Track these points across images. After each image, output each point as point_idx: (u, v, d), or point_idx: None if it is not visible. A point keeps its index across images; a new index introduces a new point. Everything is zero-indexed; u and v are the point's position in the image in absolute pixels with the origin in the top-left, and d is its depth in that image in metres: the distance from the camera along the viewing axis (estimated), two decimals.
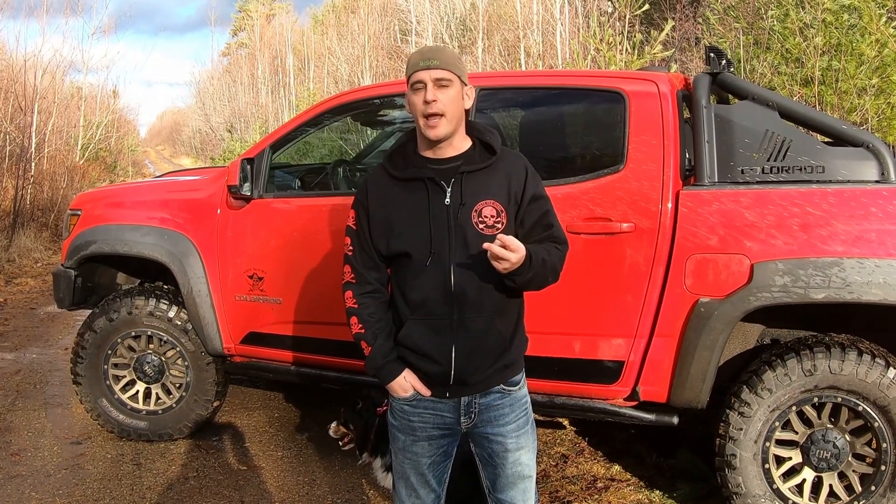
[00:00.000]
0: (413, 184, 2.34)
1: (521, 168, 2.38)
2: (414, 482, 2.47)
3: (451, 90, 2.27)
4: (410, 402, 2.41)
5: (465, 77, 2.33)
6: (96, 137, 21.92)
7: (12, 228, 12.19)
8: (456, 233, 2.28)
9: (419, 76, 2.26)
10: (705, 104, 3.63)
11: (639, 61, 9.20)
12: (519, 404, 2.45)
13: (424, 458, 2.44)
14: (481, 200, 2.29)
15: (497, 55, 18.26)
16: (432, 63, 2.26)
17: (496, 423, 2.41)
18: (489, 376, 2.37)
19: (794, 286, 3.24)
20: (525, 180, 2.36)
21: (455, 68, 2.28)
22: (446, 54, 2.30)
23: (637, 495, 3.98)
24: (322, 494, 4.15)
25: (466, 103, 2.34)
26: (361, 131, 11.09)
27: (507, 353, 2.39)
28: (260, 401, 5.59)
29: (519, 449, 2.44)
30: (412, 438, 2.44)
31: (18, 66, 15.41)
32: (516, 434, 2.44)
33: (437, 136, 2.27)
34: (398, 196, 2.35)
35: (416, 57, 2.31)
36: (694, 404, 3.51)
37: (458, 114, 2.30)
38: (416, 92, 2.28)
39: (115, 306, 4.69)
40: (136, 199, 4.94)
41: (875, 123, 7.11)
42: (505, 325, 2.38)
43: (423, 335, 2.33)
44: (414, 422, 2.42)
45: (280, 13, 46.29)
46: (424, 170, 2.33)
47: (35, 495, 4.13)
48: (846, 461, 3.40)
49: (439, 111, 2.25)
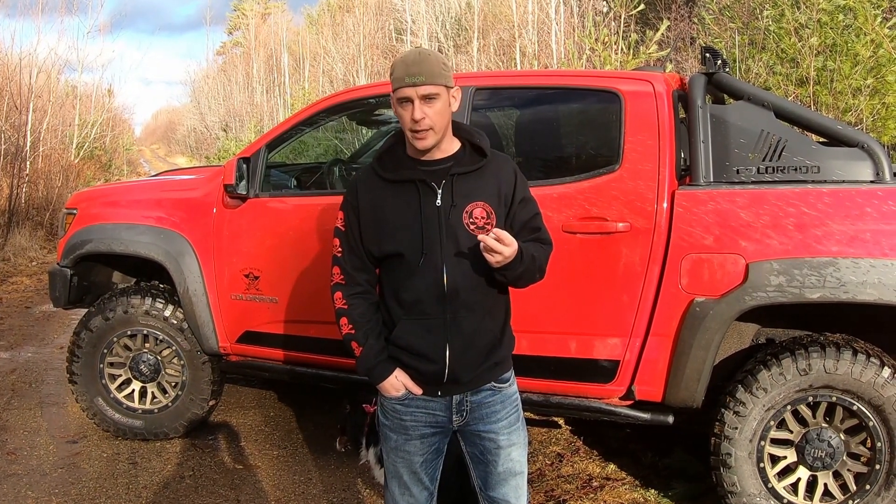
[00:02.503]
0: (404, 185, 2.35)
1: (510, 171, 2.40)
2: (407, 480, 2.48)
3: (438, 103, 2.26)
4: (402, 401, 2.42)
5: (451, 80, 2.31)
6: (91, 136, 21.84)
7: (7, 227, 12.17)
8: (447, 233, 2.30)
9: (405, 92, 2.25)
10: (701, 104, 3.64)
11: (634, 61, 9.21)
12: (509, 401, 2.47)
13: (417, 457, 2.46)
14: (472, 202, 2.32)
15: (492, 55, 18.25)
16: (418, 80, 2.22)
17: (488, 420, 2.42)
18: (480, 374, 2.39)
19: (789, 286, 3.25)
20: (515, 183, 2.39)
21: (441, 79, 2.26)
22: (430, 65, 2.25)
23: (632, 494, 3.99)
24: (317, 493, 4.15)
25: (454, 106, 2.34)
26: (357, 131, 11.09)
27: (497, 351, 2.42)
28: (255, 400, 5.59)
29: (510, 445, 2.46)
30: (405, 437, 2.44)
31: (13, 65, 15.37)
32: (508, 431, 2.45)
33: (425, 146, 2.29)
34: (389, 198, 2.36)
35: (400, 69, 2.26)
36: (689, 403, 3.52)
37: (444, 123, 2.30)
38: (402, 106, 2.27)
39: (111, 305, 4.68)
40: (132, 197, 4.93)
41: (870, 123, 7.14)
42: (495, 323, 2.42)
43: (416, 334, 2.35)
44: (406, 421, 2.43)
45: (275, 12, 46.23)
46: (415, 171, 2.34)
47: (31, 494, 4.12)
48: (841, 460, 3.41)
49: (427, 126, 2.25)
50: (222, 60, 50.17)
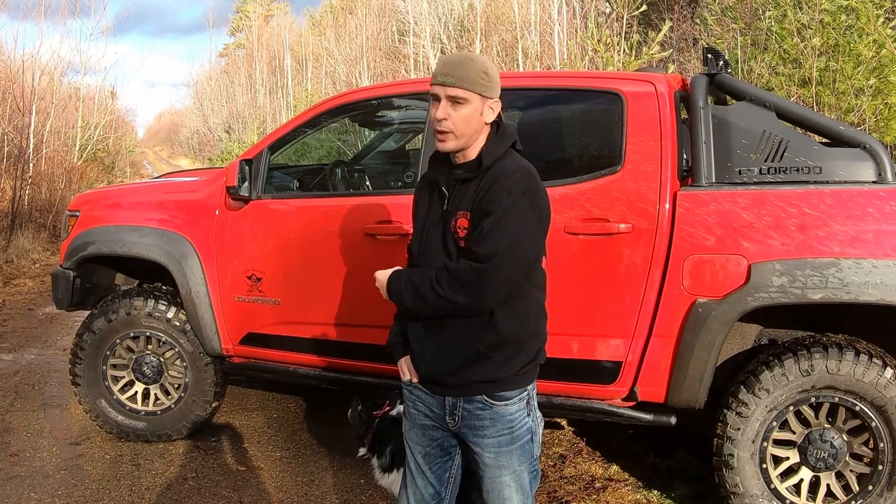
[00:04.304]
0: (431, 186, 2.43)
1: (502, 185, 2.24)
2: (412, 469, 2.55)
3: (464, 108, 2.24)
4: (408, 386, 2.50)
5: (490, 91, 2.27)
6: (94, 138, 21.90)
7: (10, 229, 12.18)
8: (445, 238, 2.33)
9: (435, 90, 2.28)
10: (703, 105, 3.64)
11: (636, 62, 9.22)
12: (503, 421, 2.37)
13: (418, 447, 2.52)
14: (459, 210, 2.32)
15: (495, 56, 18.27)
16: (448, 80, 2.23)
17: (476, 432, 2.39)
18: (468, 383, 2.34)
19: (791, 286, 3.25)
20: (492, 195, 2.23)
21: (473, 85, 2.23)
22: (465, 70, 2.24)
23: (635, 495, 3.99)
24: (320, 495, 4.15)
25: (487, 117, 2.30)
26: (360, 132, 11.10)
27: (484, 364, 2.31)
28: (258, 401, 5.59)
29: (500, 467, 2.39)
30: (409, 424, 2.54)
31: (16, 67, 15.43)
32: (495, 451, 2.38)
33: (443, 149, 2.32)
34: (421, 195, 2.49)
35: (439, 65, 2.29)
36: (692, 404, 3.52)
37: (468, 131, 2.27)
38: (432, 102, 2.30)
39: (114, 307, 4.69)
40: (135, 199, 4.94)
41: (872, 124, 7.13)
42: (491, 336, 2.30)
43: (412, 327, 2.42)
44: (410, 407, 2.52)
45: (278, 14, 46.29)
46: (438, 175, 2.40)
47: (34, 496, 4.13)
48: (843, 461, 3.40)
49: (447, 129, 2.26)
50: (225, 62, 50.26)
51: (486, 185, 2.27)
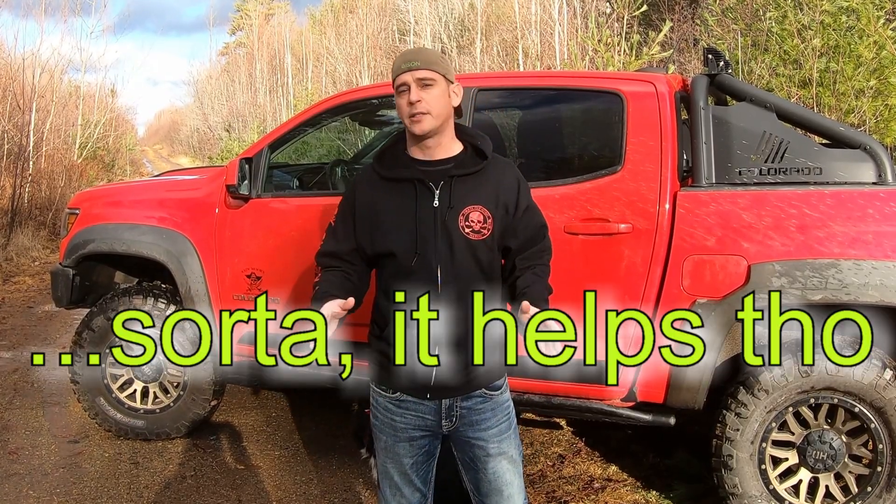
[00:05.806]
0: (401, 184, 2.34)
1: (513, 178, 2.38)
2: (398, 481, 2.46)
3: (434, 89, 2.27)
4: (394, 400, 2.40)
5: (451, 75, 2.34)
6: (94, 136, 21.91)
7: (10, 227, 12.18)
8: (442, 235, 2.28)
9: (402, 79, 2.28)
10: (703, 105, 3.64)
11: (637, 62, 9.21)
12: (501, 409, 2.42)
13: (406, 459, 2.44)
14: (469, 205, 2.29)
15: (495, 56, 18.27)
16: (413, 64, 2.27)
17: (478, 427, 2.39)
18: (470, 380, 2.35)
19: (791, 287, 3.25)
20: (518, 191, 2.37)
21: (437, 66, 2.29)
22: (427, 54, 2.33)
23: (634, 495, 3.99)
24: (319, 493, 4.15)
25: (454, 101, 2.35)
26: (359, 131, 11.09)
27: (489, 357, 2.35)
28: (257, 400, 5.59)
29: (501, 454, 2.41)
30: (394, 438, 2.43)
31: (17, 65, 15.43)
32: (498, 439, 2.41)
33: (422, 130, 2.27)
34: (385, 196, 2.35)
35: (398, 61, 2.32)
36: (691, 405, 3.51)
37: (443, 112, 2.30)
38: (401, 95, 2.30)
39: (114, 305, 4.68)
40: (135, 197, 4.94)
41: (873, 125, 7.13)
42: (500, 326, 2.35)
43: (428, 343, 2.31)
44: (397, 421, 2.41)
45: (278, 13, 46.28)
46: (413, 171, 2.33)
47: (32, 494, 4.13)
48: (842, 462, 3.40)
49: (424, 110, 2.26)
50: (225, 61, 50.25)
51: (496, 177, 2.36)
